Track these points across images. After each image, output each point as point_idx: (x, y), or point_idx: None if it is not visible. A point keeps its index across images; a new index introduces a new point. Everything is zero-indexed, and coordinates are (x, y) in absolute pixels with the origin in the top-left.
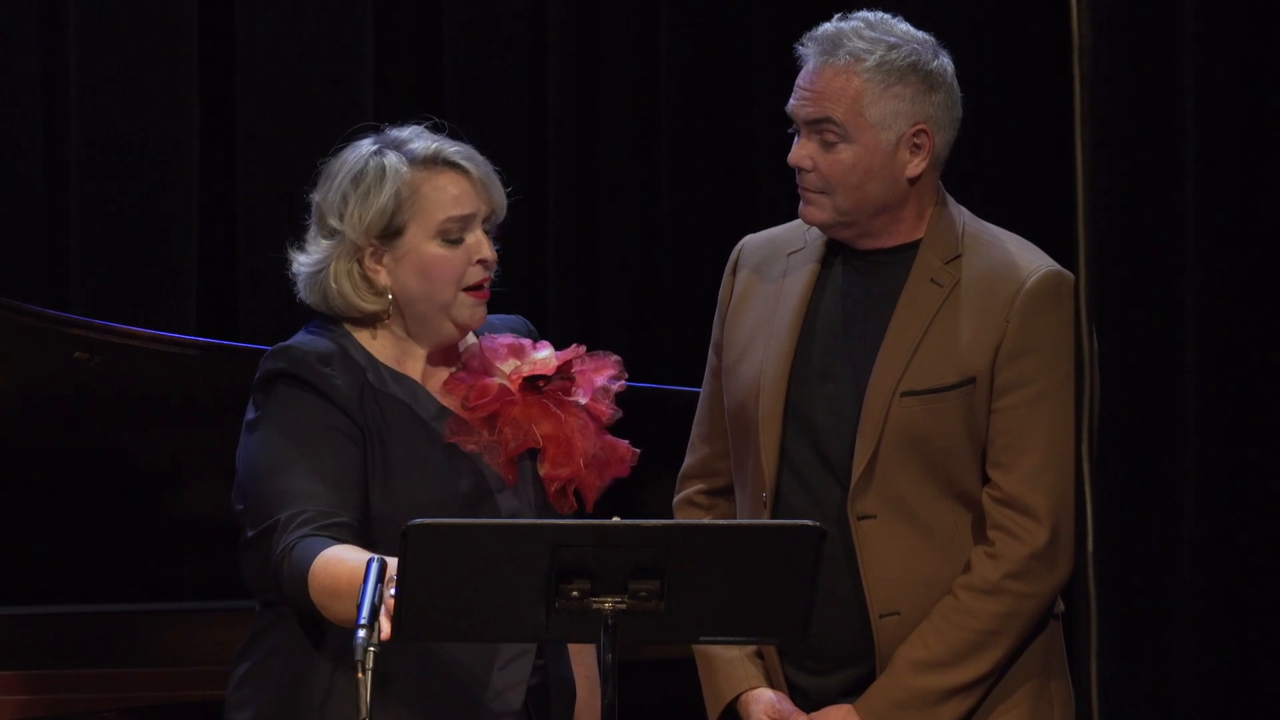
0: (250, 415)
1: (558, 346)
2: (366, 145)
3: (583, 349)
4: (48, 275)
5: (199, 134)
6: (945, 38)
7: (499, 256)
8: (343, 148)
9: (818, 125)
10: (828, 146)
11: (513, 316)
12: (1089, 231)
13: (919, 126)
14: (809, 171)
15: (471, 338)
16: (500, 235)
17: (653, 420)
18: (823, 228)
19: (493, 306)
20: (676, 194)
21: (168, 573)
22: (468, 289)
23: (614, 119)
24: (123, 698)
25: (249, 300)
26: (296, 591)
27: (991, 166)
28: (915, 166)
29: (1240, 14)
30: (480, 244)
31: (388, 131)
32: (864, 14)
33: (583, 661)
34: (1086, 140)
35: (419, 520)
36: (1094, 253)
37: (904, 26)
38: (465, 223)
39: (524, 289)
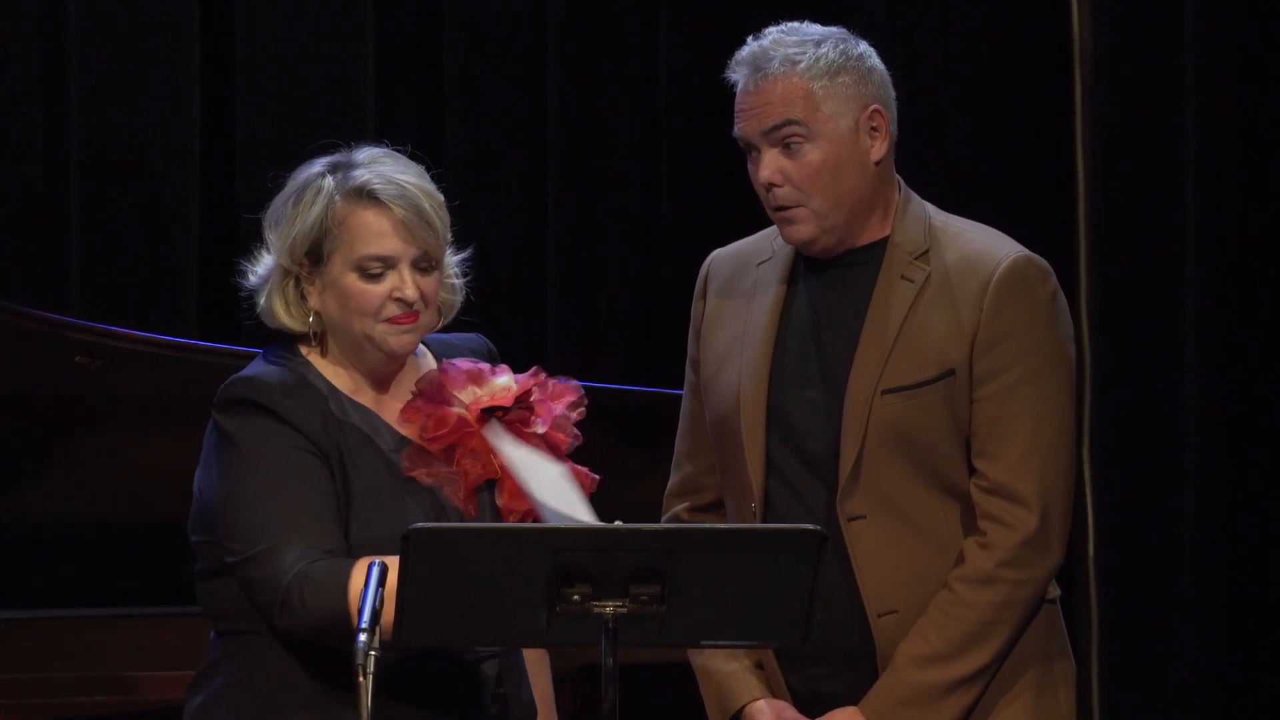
0: (214, 442)
1: (558, 348)
2: (319, 165)
3: (542, 375)
4: (47, 277)
5: (199, 134)
6: (945, 38)
7: (502, 257)
8: (304, 163)
9: (779, 132)
10: (792, 152)
11: (472, 335)
12: (1089, 231)
13: (872, 108)
14: (779, 186)
15: (430, 362)
16: (500, 236)
17: (651, 422)
18: (809, 244)
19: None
20: (676, 194)
21: (168, 577)
22: (388, 320)
23: (614, 119)
24: (123, 701)
25: (249, 301)
26: (327, 604)
27: (991, 166)
28: (878, 150)
29: (1240, 14)
30: (404, 284)
31: (351, 152)
32: (775, 28)
33: (539, 684)
34: (1087, 143)
35: (419, 524)
36: (1094, 253)
37: (815, 26)
38: (386, 261)
39: (524, 289)
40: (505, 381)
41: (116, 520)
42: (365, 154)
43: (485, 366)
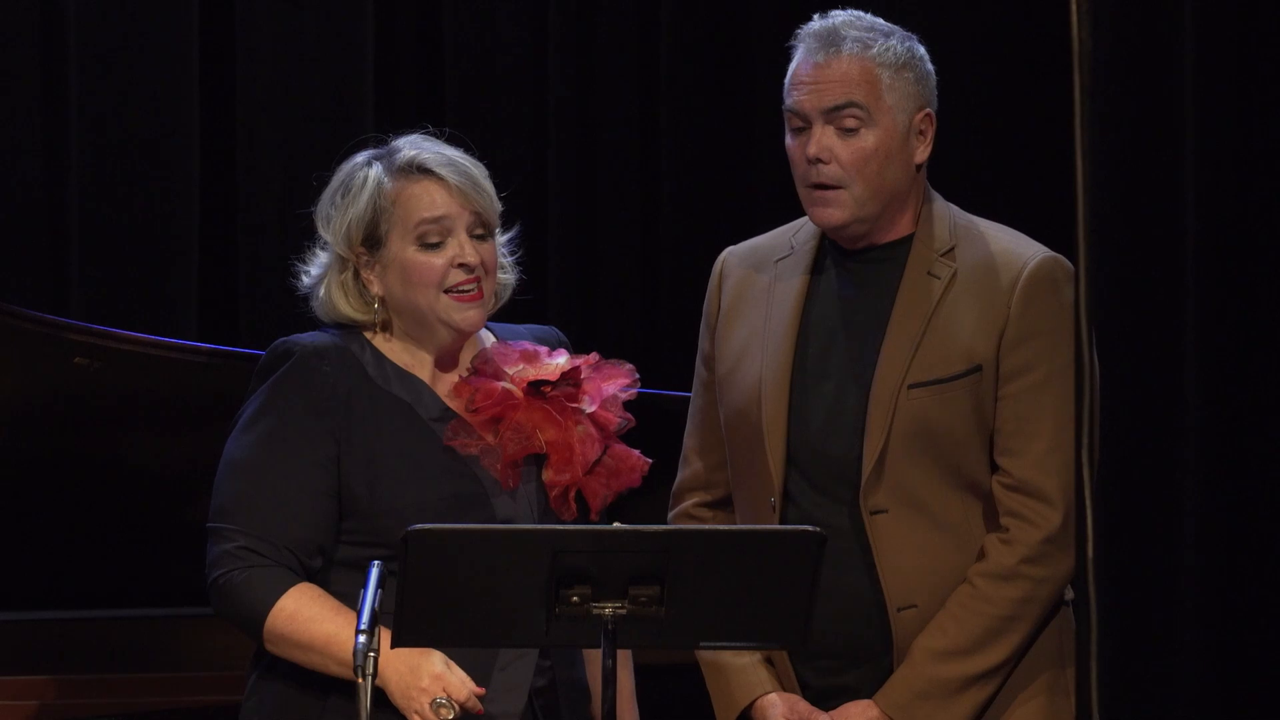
0: (244, 406)
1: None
2: (361, 156)
3: (595, 357)
4: (47, 278)
5: (199, 134)
6: (946, 38)
7: (517, 262)
8: (345, 158)
9: (838, 113)
10: (848, 134)
11: (547, 328)
12: (1089, 231)
13: (925, 111)
14: (826, 164)
15: (490, 340)
16: (506, 239)
17: (651, 424)
18: (840, 228)
19: (515, 313)
20: (676, 193)
21: (168, 578)
22: (449, 291)
23: (614, 120)
24: (126, 703)
25: (249, 303)
26: (241, 614)
27: (992, 166)
28: (922, 152)
29: (1240, 14)
30: (462, 249)
31: (391, 141)
32: (842, 12)
33: (622, 681)
34: (1086, 145)
35: (419, 526)
36: (1094, 253)
37: (880, 19)
38: (441, 226)
39: (524, 289)
40: (559, 362)
41: (115, 523)
42: (405, 140)
43: (543, 349)
